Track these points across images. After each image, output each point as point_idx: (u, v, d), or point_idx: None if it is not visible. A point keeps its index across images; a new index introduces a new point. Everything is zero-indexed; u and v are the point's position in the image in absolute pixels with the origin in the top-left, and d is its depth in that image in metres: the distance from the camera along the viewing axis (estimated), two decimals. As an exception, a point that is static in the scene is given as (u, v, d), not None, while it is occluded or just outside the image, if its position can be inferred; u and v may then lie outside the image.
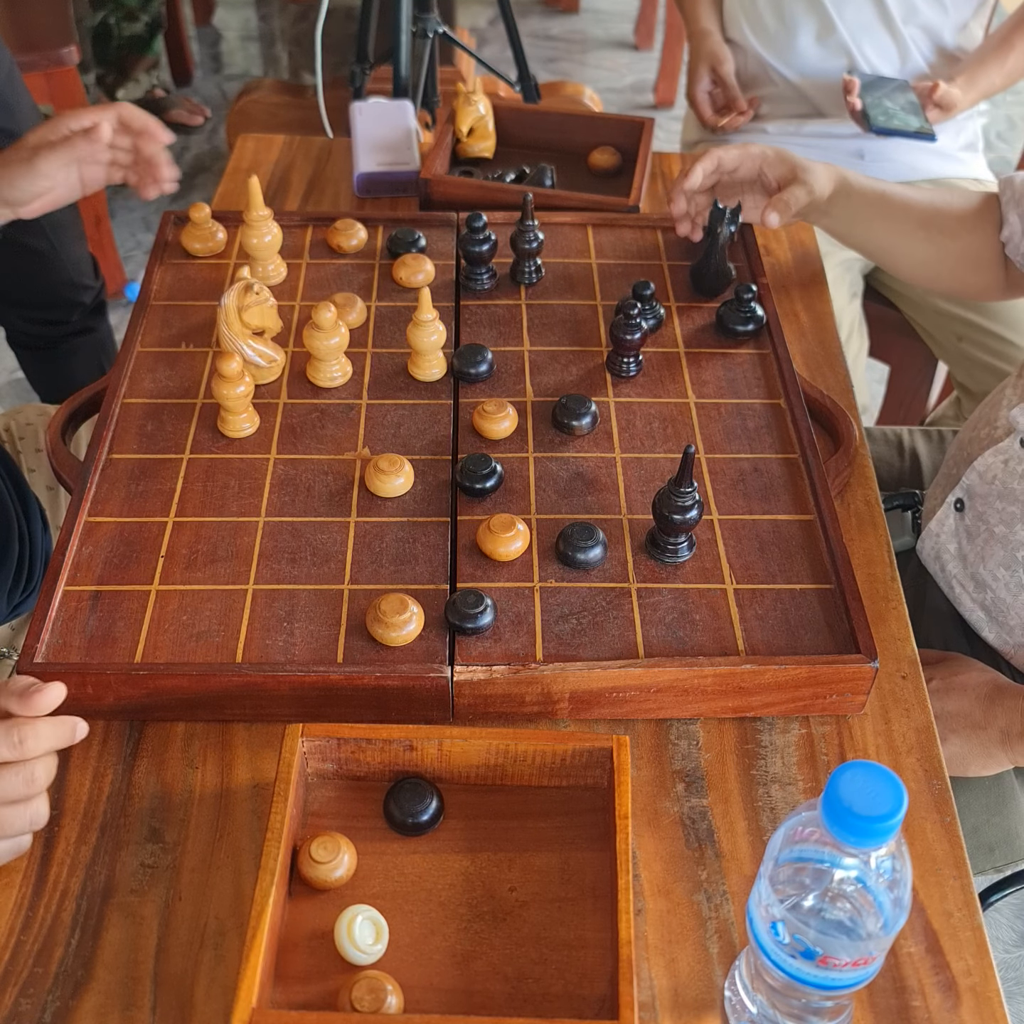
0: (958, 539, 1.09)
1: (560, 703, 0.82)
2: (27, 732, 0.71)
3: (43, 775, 0.72)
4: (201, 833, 0.77)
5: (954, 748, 0.96)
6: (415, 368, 1.03)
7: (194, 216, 1.16)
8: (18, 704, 0.72)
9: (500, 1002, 0.68)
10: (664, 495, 0.86)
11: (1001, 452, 1.06)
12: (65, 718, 0.73)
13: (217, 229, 1.17)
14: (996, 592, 1.06)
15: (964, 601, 1.10)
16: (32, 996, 0.69)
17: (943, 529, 1.11)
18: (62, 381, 1.83)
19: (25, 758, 0.71)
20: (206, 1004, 0.69)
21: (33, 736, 0.71)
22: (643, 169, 1.26)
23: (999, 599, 1.06)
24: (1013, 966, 1.54)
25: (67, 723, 0.73)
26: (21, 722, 0.71)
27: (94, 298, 1.77)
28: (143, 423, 0.99)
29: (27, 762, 0.71)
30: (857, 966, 0.61)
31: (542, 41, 3.49)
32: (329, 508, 0.92)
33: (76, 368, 1.81)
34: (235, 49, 3.43)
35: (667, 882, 0.75)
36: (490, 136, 1.34)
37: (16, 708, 0.72)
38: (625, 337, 1.02)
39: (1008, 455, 1.05)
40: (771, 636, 0.84)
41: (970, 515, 1.08)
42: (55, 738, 0.72)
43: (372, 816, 0.76)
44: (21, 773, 0.71)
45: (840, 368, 1.12)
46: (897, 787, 0.57)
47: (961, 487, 1.09)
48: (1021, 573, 1.03)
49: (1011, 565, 1.03)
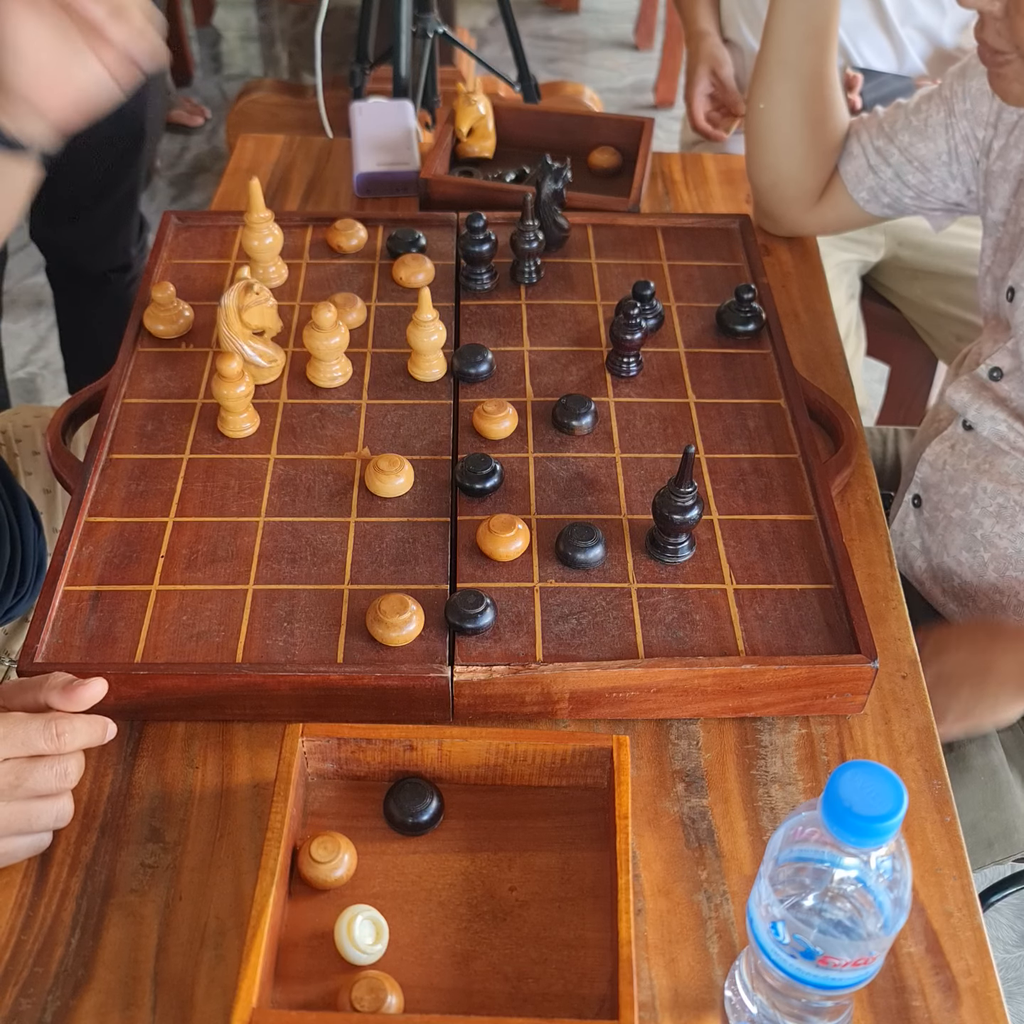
0: (920, 535, 1.11)
1: (560, 703, 0.82)
2: (65, 726, 0.72)
3: (75, 772, 0.73)
4: (201, 833, 0.77)
5: (962, 703, 0.95)
6: (415, 368, 1.03)
7: (157, 296, 1.05)
8: (60, 698, 0.73)
9: (500, 1002, 0.68)
10: (664, 495, 0.86)
11: (947, 439, 1.08)
12: (98, 717, 0.74)
13: (184, 308, 1.07)
14: (962, 577, 1.07)
15: (935, 596, 1.11)
16: (32, 996, 0.69)
17: (905, 528, 1.13)
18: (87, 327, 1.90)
19: (61, 752, 0.72)
20: (206, 1004, 0.69)
21: (71, 731, 0.72)
22: (643, 169, 1.26)
23: (966, 583, 1.07)
24: (1013, 966, 1.54)
25: (100, 722, 0.74)
26: (60, 716, 0.72)
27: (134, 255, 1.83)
28: (143, 423, 0.99)
29: (62, 757, 0.72)
30: (857, 966, 0.61)
31: (542, 41, 3.49)
32: (329, 508, 0.92)
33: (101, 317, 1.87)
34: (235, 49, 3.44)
35: (667, 882, 0.75)
36: (490, 136, 1.34)
37: (58, 702, 0.73)
38: (625, 337, 1.02)
39: (954, 440, 1.08)
40: (771, 636, 0.84)
41: (927, 508, 1.09)
42: (89, 735, 0.73)
43: (372, 816, 0.76)
44: (55, 767, 0.72)
45: (840, 368, 1.12)
46: (897, 787, 0.57)
47: (915, 483, 1.11)
48: (982, 552, 1.04)
49: (972, 546, 1.05)
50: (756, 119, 1.18)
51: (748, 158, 1.22)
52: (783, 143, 1.17)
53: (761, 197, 1.23)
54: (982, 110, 1.07)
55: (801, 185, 1.19)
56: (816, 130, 1.15)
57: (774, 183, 1.20)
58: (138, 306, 1.08)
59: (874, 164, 1.14)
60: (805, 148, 1.16)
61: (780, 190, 1.20)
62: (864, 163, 1.15)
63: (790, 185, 1.19)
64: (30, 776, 0.71)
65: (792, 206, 1.21)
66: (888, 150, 1.13)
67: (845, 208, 1.19)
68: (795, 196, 1.20)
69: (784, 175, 1.19)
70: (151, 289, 1.05)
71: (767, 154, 1.19)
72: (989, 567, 1.05)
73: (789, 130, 1.16)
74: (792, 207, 1.22)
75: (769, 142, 1.18)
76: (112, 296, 1.85)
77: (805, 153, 1.17)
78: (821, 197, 1.20)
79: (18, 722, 0.71)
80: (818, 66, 1.13)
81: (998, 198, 1.07)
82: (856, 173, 1.16)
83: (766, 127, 1.17)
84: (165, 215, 1.19)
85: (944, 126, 1.09)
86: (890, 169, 1.13)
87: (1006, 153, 1.05)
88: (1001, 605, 1.06)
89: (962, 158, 1.09)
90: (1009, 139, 1.04)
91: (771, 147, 1.18)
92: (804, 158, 1.17)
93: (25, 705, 0.74)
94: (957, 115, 1.08)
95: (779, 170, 1.19)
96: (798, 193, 1.20)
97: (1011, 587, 1.04)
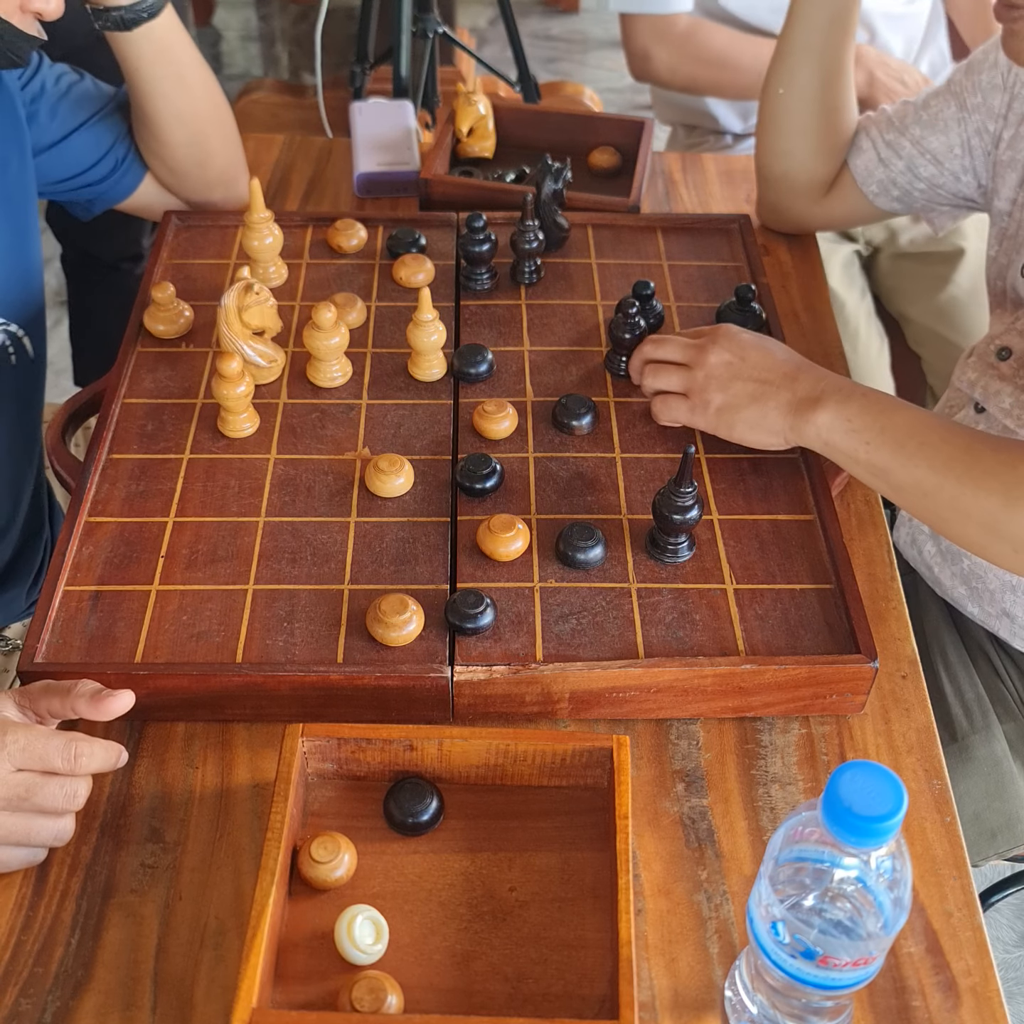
0: None
1: (560, 703, 0.82)
2: (84, 749, 0.71)
3: (83, 794, 0.73)
4: (201, 833, 0.77)
5: (747, 413, 0.92)
6: (415, 368, 1.03)
7: (157, 296, 1.05)
8: (88, 707, 0.73)
9: (500, 1002, 0.68)
10: (664, 495, 0.86)
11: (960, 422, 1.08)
12: (115, 744, 0.74)
13: (184, 308, 1.07)
14: (972, 558, 1.07)
15: (943, 580, 1.11)
16: (32, 996, 0.69)
17: None
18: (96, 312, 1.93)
19: (74, 774, 0.72)
20: (206, 1004, 0.69)
21: (88, 754, 0.72)
22: (643, 169, 1.26)
23: (975, 564, 1.07)
24: (1013, 966, 1.54)
25: (116, 749, 0.74)
26: (80, 738, 0.72)
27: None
28: (143, 423, 0.99)
29: (73, 778, 0.72)
30: (857, 966, 0.61)
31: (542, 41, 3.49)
32: (329, 508, 0.92)
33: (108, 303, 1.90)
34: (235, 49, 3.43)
35: (667, 882, 0.75)
36: (490, 136, 1.33)
37: (85, 711, 0.73)
38: (624, 336, 1.02)
39: (967, 423, 1.06)
40: (771, 636, 0.84)
41: None
42: (104, 761, 0.73)
43: (372, 816, 0.76)
44: (65, 787, 0.71)
45: (840, 368, 1.12)
46: (897, 787, 0.57)
47: None
48: None
49: None
50: (773, 104, 1.17)
51: (760, 146, 1.21)
52: (799, 130, 1.17)
53: (769, 188, 1.23)
54: (993, 103, 1.07)
55: (812, 175, 1.19)
56: (832, 119, 1.15)
57: (785, 172, 1.20)
58: (138, 306, 1.08)
59: (885, 157, 1.14)
60: (820, 136, 1.16)
61: (791, 179, 1.20)
62: (874, 156, 1.15)
63: (801, 174, 1.19)
64: (40, 791, 0.71)
65: (800, 197, 1.21)
66: (899, 143, 1.13)
67: (854, 202, 1.19)
68: (805, 186, 1.20)
69: (797, 163, 1.19)
70: (151, 289, 1.05)
71: (782, 140, 1.18)
72: None
73: (807, 116, 1.16)
74: (800, 198, 1.21)
75: (784, 128, 1.18)
76: (122, 286, 1.88)
77: (819, 141, 1.17)
78: (829, 191, 1.20)
79: (40, 736, 0.71)
80: (840, 52, 1.13)
81: (1005, 187, 1.07)
82: (866, 166, 1.16)
83: (784, 112, 1.17)
84: (165, 215, 1.19)
85: (956, 120, 1.10)
86: (901, 162, 1.13)
87: (1016, 143, 1.05)
88: (1011, 585, 1.06)
89: (975, 151, 1.10)
90: (1019, 129, 1.04)
91: (786, 133, 1.18)
92: (817, 146, 1.17)
93: (51, 708, 0.74)
94: (969, 109, 1.08)
95: (792, 158, 1.19)
96: (808, 183, 1.20)
97: None
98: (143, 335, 1.07)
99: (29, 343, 1.11)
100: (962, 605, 1.11)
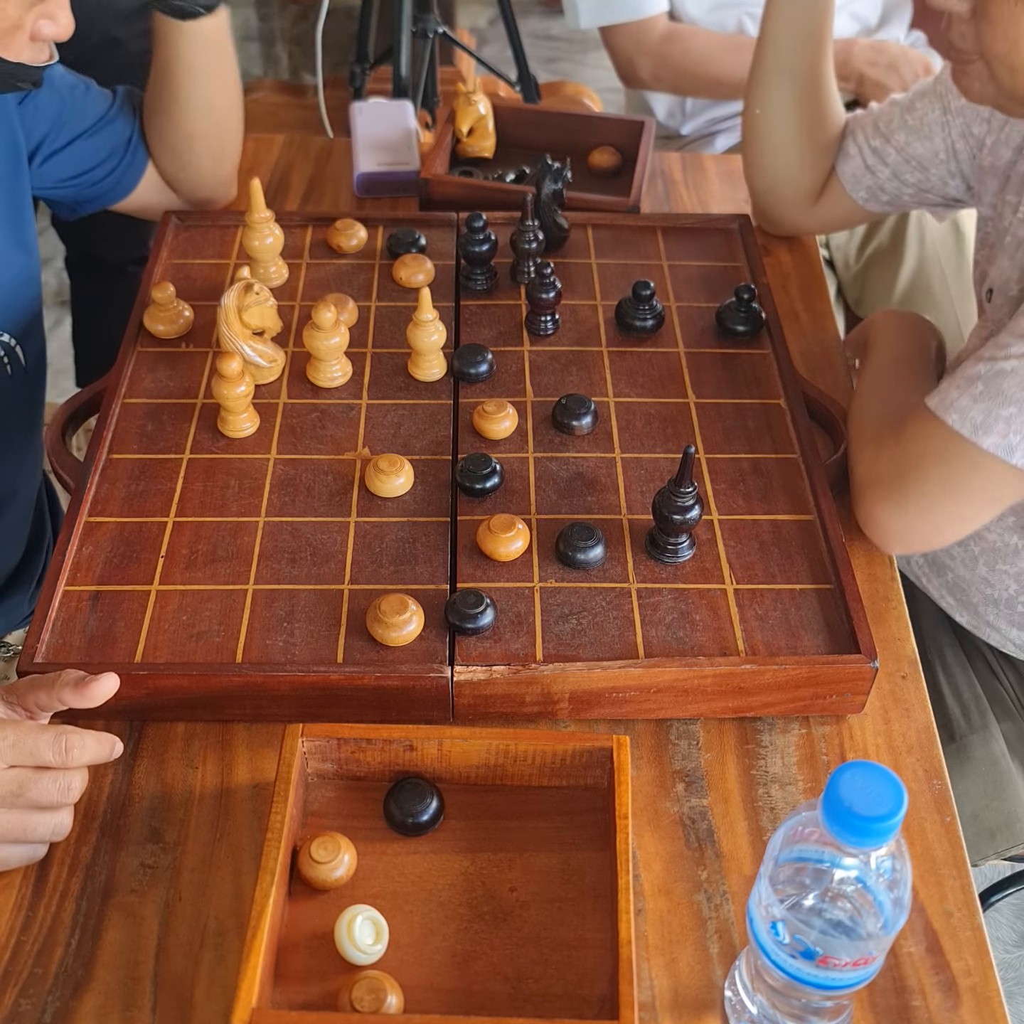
0: None
1: (560, 703, 0.82)
2: (75, 741, 0.71)
3: (78, 787, 0.72)
4: (201, 833, 0.77)
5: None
6: (415, 368, 1.03)
7: (157, 296, 1.05)
8: (73, 695, 0.72)
9: (500, 1002, 0.68)
10: (664, 495, 0.86)
11: None
12: (108, 735, 0.74)
13: (184, 308, 1.07)
14: (955, 571, 1.07)
15: (932, 590, 1.12)
16: (32, 996, 0.69)
17: None
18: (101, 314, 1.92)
19: (67, 767, 0.71)
20: (206, 1004, 0.69)
21: (80, 746, 0.71)
22: (643, 169, 1.26)
23: (959, 577, 1.07)
24: (1013, 966, 1.54)
25: (109, 740, 0.74)
26: (70, 731, 0.71)
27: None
28: (143, 423, 0.99)
29: (67, 771, 0.72)
30: (857, 966, 0.61)
31: (542, 41, 3.49)
32: (329, 508, 0.92)
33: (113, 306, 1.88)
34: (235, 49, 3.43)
35: (667, 882, 0.75)
36: (490, 136, 1.33)
37: (71, 700, 0.73)
38: (540, 296, 1.04)
39: None
40: (771, 636, 0.84)
41: None
42: (97, 752, 0.73)
43: (372, 816, 0.76)
44: (59, 781, 0.71)
45: (840, 368, 1.12)
46: (897, 787, 0.57)
47: None
48: (972, 546, 1.05)
49: (963, 540, 1.05)
50: (752, 124, 1.18)
51: (745, 162, 1.22)
52: (780, 147, 1.17)
53: (759, 199, 1.23)
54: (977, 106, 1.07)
55: (799, 187, 1.19)
56: (813, 132, 1.15)
57: (771, 186, 1.20)
58: (138, 306, 1.08)
59: (871, 164, 1.14)
60: (802, 150, 1.16)
61: (778, 192, 1.20)
62: (861, 163, 1.15)
63: (787, 187, 1.19)
64: (33, 787, 0.70)
65: (790, 208, 1.21)
66: (885, 150, 1.13)
67: (845, 207, 1.19)
68: (793, 198, 1.20)
69: (781, 178, 1.19)
70: (151, 289, 1.05)
71: (764, 157, 1.19)
72: (980, 560, 1.06)
73: (785, 133, 1.16)
74: (790, 209, 1.22)
75: (766, 146, 1.18)
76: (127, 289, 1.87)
77: (802, 155, 1.17)
78: (819, 197, 1.20)
79: (29, 731, 0.70)
80: (813, 68, 1.13)
81: (986, 194, 1.07)
82: (854, 173, 1.16)
83: (764, 131, 1.17)
84: (165, 215, 1.19)
85: (940, 124, 1.09)
86: (887, 169, 1.13)
87: (996, 149, 1.05)
88: (992, 599, 1.06)
89: (960, 155, 1.09)
90: (1000, 135, 1.04)
91: (768, 151, 1.18)
92: (801, 160, 1.17)
93: (38, 702, 0.74)
94: (953, 112, 1.08)
95: (776, 173, 1.19)
96: (796, 195, 1.20)
97: (1001, 580, 1.05)
98: (143, 335, 1.07)
99: (22, 352, 1.10)
100: (952, 614, 1.11)
